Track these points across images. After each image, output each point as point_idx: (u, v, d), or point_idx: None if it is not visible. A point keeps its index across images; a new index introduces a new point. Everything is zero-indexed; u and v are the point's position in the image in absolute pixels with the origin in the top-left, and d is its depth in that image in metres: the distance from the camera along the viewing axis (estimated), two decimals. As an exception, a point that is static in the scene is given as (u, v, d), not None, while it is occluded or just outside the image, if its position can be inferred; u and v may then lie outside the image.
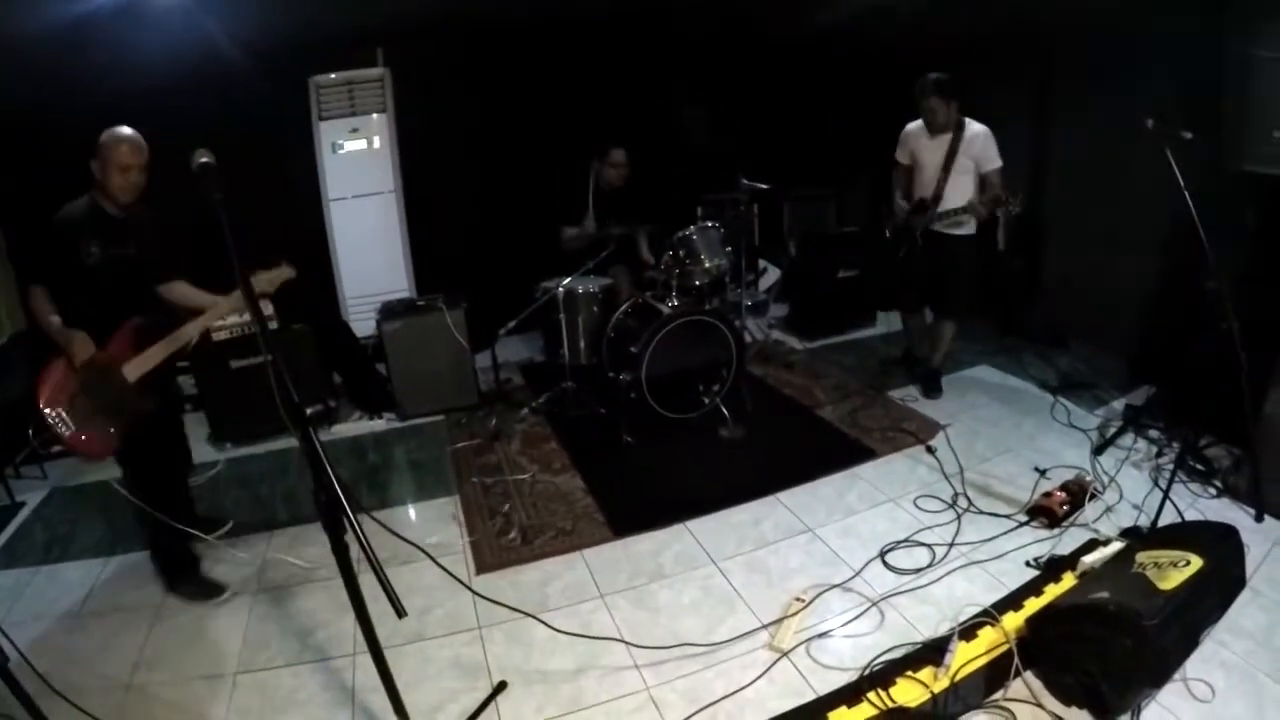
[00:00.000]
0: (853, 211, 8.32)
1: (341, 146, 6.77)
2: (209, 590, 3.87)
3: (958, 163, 5.05)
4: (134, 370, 3.61)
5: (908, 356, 6.11)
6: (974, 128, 5.00)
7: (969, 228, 5.19)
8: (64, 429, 3.44)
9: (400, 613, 2.06)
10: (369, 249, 6.94)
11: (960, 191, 5.09)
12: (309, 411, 2.23)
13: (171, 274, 3.90)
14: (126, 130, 3.58)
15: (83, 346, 3.48)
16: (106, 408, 3.54)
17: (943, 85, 4.95)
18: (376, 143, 6.83)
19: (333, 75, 6.60)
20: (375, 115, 6.77)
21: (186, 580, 3.91)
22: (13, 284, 5.94)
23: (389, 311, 5.76)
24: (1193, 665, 2.86)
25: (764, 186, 5.91)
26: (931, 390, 5.61)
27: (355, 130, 6.76)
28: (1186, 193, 3.50)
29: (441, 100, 6.98)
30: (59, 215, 3.57)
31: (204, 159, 2.35)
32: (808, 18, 6.73)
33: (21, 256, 5.09)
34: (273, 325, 5.49)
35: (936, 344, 5.60)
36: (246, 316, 3.99)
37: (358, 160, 6.83)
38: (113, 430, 3.56)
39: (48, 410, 3.41)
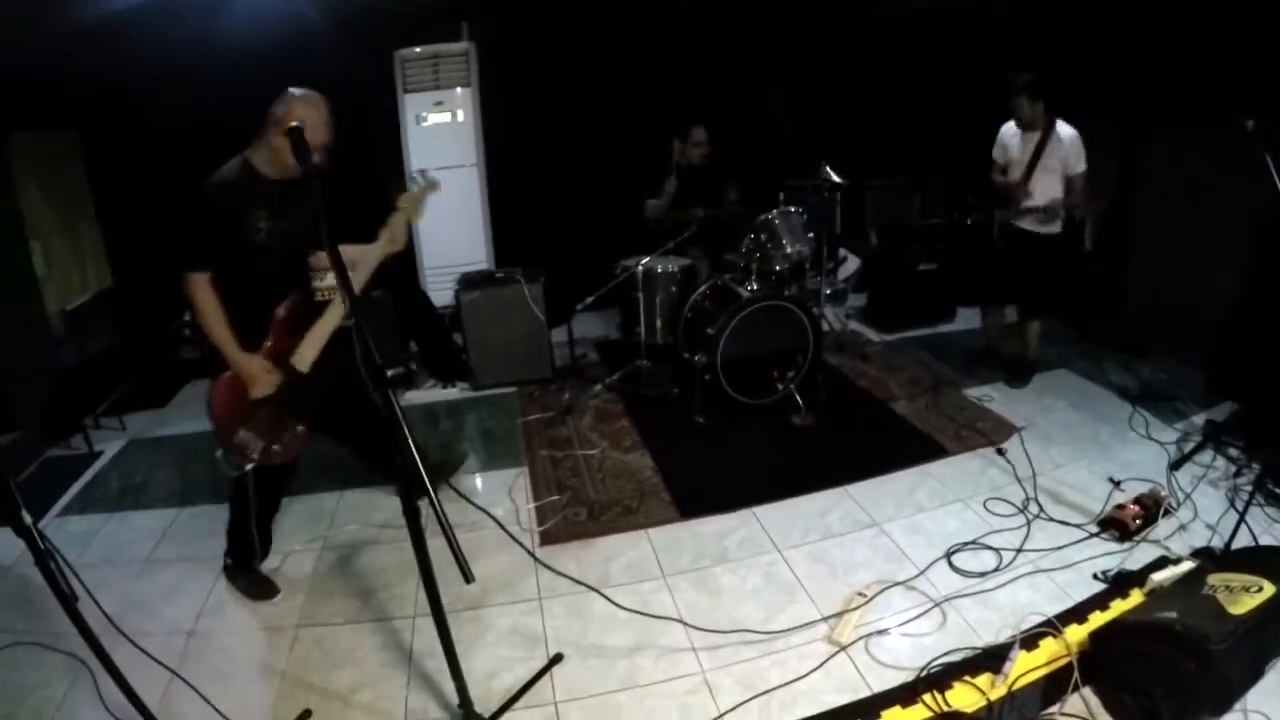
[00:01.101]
0: (936, 204, 8.18)
1: (425, 119, 6.88)
2: (263, 589, 3.72)
3: (1044, 161, 5.05)
4: (304, 359, 3.29)
5: (988, 353, 6.02)
6: (1064, 130, 4.99)
7: (1054, 226, 5.18)
8: (254, 448, 3.29)
9: (469, 578, 2.09)
10: (450, 221, 6.99)
11: (1044, 190, 5.11)
12: (390, 374, 2.23)
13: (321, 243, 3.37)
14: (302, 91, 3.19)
15: (266, 381, 3.22)
16: (288, 407, 3.33)
17: (1030, 86, 4.98)
18: (460, 116, 6.92)
19: (418, 49, 6.70)
20: (459, 89, 6.85)
21: (243, 571, 3.76)
22: (100, 244, 6.16)
23: (467, 282, 5.87)
24: (1254, 697, 2.77)
25: (840, 181, 5.85)
26: (1016, 381, 5.62)
27: (439, 103, 6.85)
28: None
29: (525, 75, 7.04)
30: (215, 184, 3.13)
31: (294, 122, 2.39)
32: (902, 2, 6.65)
33: (164, 241, 5.25)
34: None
35: (1027, 342, 5.58)
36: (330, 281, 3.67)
37: (441, 133, 6.93)
38: (301, 429, 3.45)
39: (235, 435, 3.24)
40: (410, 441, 2.16)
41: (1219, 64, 5.27)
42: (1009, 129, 5.28)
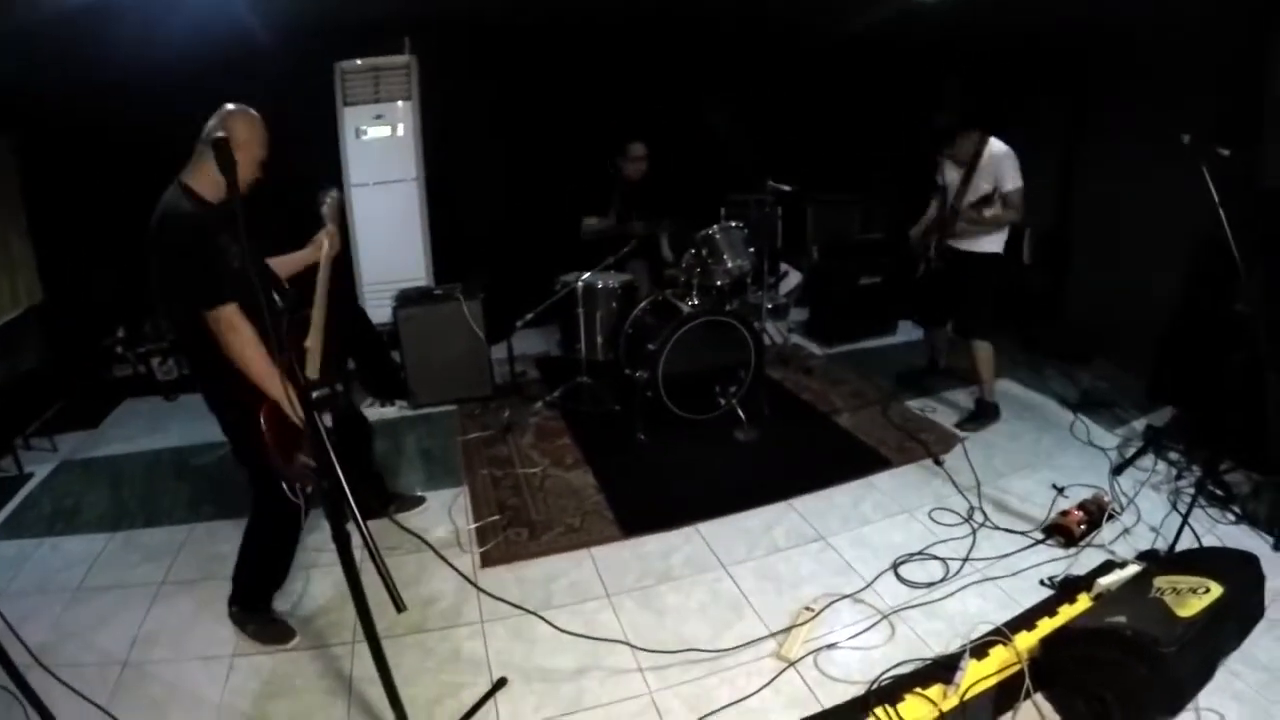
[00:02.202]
0: (876, 218, 8.23)
1: (365, 132, 6.75)
2: (280, 633, 3.45)
3: (975, 182, 4.92)
4: (313, 368, 3.23)
5: (932, 366, 6.03)
6: (996, 146, 4.86)
7: (989, 245, 5.03)
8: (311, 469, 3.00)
9: (400, 607, 2.04)
10: (388, 236, 6.92)
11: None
12: (315, 395, 2.17)
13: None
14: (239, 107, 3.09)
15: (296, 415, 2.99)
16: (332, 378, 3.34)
17: (966, 122, 4.94)
18: (400, 130, 6.81)
19: (359, 61, 6.59)
20: (400, 102, 6.75)
21: (258, 613, 3.50)
22: (30, 258, 5.98)
23: (405, 299, 5.77)
24: (1205, 696, 2.79)
25: (789, 189, 5.86)
26: (971, 424, 5.26)
27: (379, 117, 6.74)
28: (1222, 211, 3.43)
29: (466, 90, 6.97)
30: (181, 218, 2.93)
31: (220, 133, 2.32)
32: (838, 20, 6.69)
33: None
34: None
35: (978, 370, 5.24)
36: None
37: (380, 147, 6.82)
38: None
39: (295, 460, 3.00)
40: (337, 465, 2.08)
41: (1152, 80, 5.37)
42: (946, 153, 5.17)
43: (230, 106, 3.06)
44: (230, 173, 2.18)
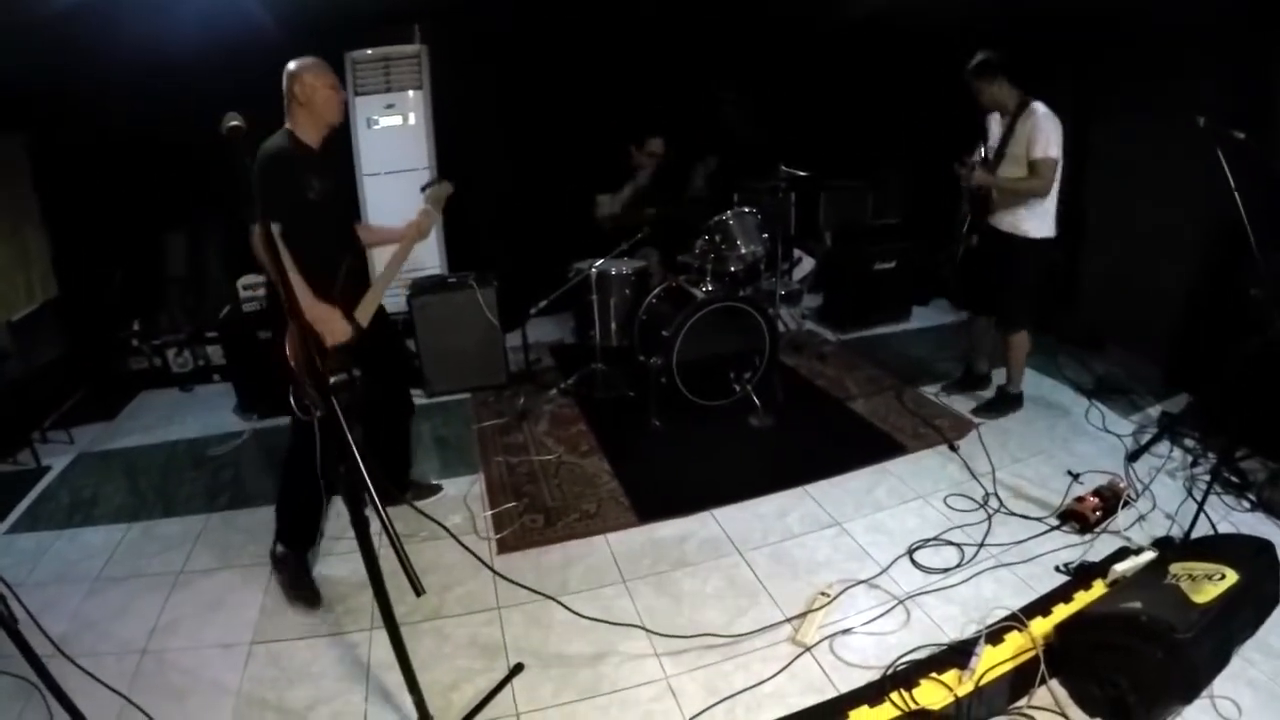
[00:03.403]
0: (890, 204, 8.20)
1: (376, 122, 6.75)
2: (307, 598, 3.61)
3: (1010, 149, 4.64)
4: (365, 314, 3.59)
5: (968, 374, 5.61)
6: (1037, 109, 4.50)
7: (1034, 227, 4.68)
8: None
9: (418, 591, 2.06)
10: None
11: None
12: (332, 381, 2.20)
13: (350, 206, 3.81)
14: (318, 60, 3.49)
15: (341, 329, 3.38)
16: (349, 362, 3.31)
17: (980, 66, 4.61)
18: (411, 119, 6.80)
19: (369, 51, 6.57)
20: (411, 92, 6.74)
21: (296, 562, 3.68)
22: (46, 252, 6.01)
23: (419, 288, 5.79)
24: (1220, 683, 2.79)
25: (803, 174, 5.84)
26: (991, 411, 5.19)
27: (390, 106, 6.73)
28: (1237, 194, 3.41)
29: (478, 79, 6.95)
30: (270, 152, 3.34)
31: (234, 122, 2.33)
32: (851, 5, 6.65)
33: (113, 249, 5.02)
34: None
35: (1009, 359, 5.12)
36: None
37: (392, 136, 6.81)
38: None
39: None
40: (356, 451, 2.10)
41: (1164, 62, 5.32)
42: (994, 114, 4.86)
43: (291, 65, 3.43)
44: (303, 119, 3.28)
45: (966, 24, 6.09)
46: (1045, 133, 4.43)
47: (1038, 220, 4.68)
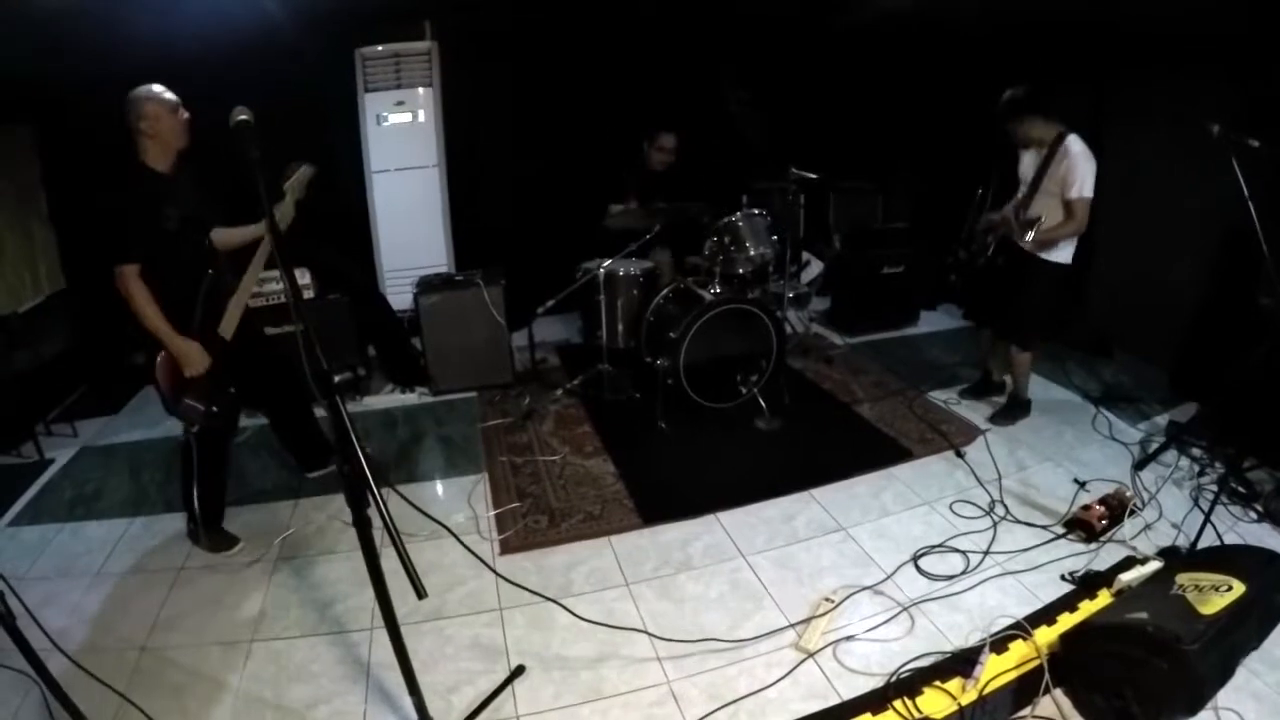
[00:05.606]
0: (899, 208, 8.18)
1: (386, 119, 6.77)
2: (223, 540, 4.02)
3: (1045, 185, 4.59)
4: (229, 326, 3.70)
5: (986, 380, 5.62)
6: (1073, 146, 4.47)
7: (1055, 252, 4.67)
8: (196, 415, 3.65)
9: (420, 594, 2.04)
10: (409, 223, 6.96)
11: (1046, 214, 4.52)
12: (336, 380, 2.21)
13: (213, 225, 3.92)
14: (159, 87, 3.63)
15: (199, 359, 3.59)
16: (221, 373, 3.71)
17: (1011, 105, 4.59)
18: (421, 116, 6.83)
19: (379, 47, 6.60)
20: (421, 89, 6.77)
21: (208, 527, 3.98)
22: (53, 245, 6.03)
23: (426, 285, 5.78)
24: (1224, 695, 2.77)
25: (813, 176, 5.82)
26: (1001, 419, 5.18)
27: (400, 103, 6.76)
28: (1251, 203, 3.39)
29: (488, 76, 6.96)
30: (123, 192, 3.53)
31: (242, 116, 2.33)
32: (864, 6, 6.64)
33: (90, 240, 5.07)
34: (309, 295, 5.54)
35: (1014, 370, 5.15)
36: (281, 285, 4.09)
37: (401, 133, 6.83)
38: (233, 390, 3.84)
39: (180, 404, 3.63)
40: (360, 450, 2.10)
41: (1175, 66, 5.29)
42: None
43: (131, 94, 3.61)
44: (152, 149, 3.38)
45: (979, 26, 6.08)
46: (1080, 173, 4.41)
47: (1060, 247, 4.68)
